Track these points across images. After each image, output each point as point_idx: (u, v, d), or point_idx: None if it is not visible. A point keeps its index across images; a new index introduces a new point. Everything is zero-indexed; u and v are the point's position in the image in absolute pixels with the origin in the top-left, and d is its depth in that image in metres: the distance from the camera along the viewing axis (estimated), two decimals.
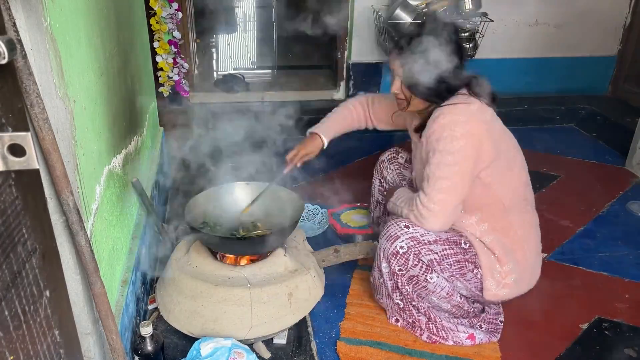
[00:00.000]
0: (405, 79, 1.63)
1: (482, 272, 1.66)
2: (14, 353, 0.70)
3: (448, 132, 1.56)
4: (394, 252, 1.60)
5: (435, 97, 1.64)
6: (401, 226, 1.61)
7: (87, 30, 1.25)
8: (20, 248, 0.74)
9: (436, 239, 1.61)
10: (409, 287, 1.65)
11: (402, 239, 1.59)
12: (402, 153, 2.10)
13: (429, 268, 1.61)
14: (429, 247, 1.59)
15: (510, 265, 1.67)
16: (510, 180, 1.69)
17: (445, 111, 1.59)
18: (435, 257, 1.60)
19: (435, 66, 1.56)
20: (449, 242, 1.63)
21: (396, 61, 1.64)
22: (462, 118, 1.56)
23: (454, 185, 1.58)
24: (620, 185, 2.70)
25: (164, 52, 3.24)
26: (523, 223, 1.72)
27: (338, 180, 2.72)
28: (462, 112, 1.58)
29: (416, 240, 1.59)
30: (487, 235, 1.67)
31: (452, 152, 1.55)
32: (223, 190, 1.94)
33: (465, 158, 1.56)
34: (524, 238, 1.71)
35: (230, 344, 1.52)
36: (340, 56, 3.77)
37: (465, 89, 1.64)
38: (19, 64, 0.81)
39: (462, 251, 1.64)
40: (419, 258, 1.59)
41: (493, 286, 1.67)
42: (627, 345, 1.73)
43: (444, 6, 3.20)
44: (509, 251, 1.67)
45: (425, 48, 1.56)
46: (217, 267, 1.69)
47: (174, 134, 2.55)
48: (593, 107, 3.77)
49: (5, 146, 0.65)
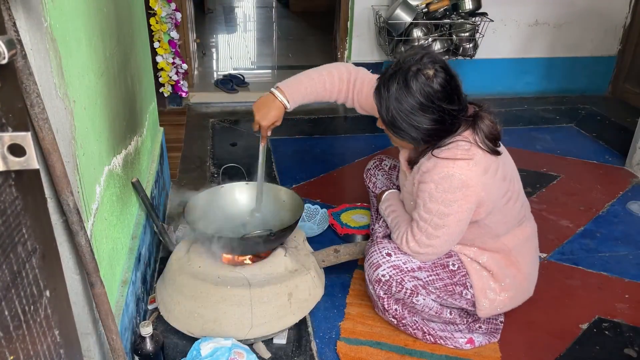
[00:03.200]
0: (383, 117, 1.44)
1: (474, 293, 1.61)
2: (14, 353, 0.70)
3: (441, 191, 1.42)
4: (376, 280, 1.57)
5: (424, 143, 1.46)
6: (383, 254, 1.57)
7: (87, 30, 1.25)
8: (20, 248, 0.74)
9: (420, 266, 1.56)
10: (397, 307, 1.64)
11: (384, 267, 1.55)
12: (385, 160, 2.05)
13: (413, 292, 1.57)
14: (412, 274, 1.55)
15: (507, 280, 1.63)
16: (506, 212, 1.56)
17: (439, 163, 1.42)
18: (420, 283, 1.56)
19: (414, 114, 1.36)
20: (434, 267, 1.58)
21: (375, 100, 1.45)
22: (457, 180, 1.40)
23: (445, 240, 1.50)
24: (620, 185, 2.70)
25: (164, 52, 3.24)
26: (516, 241, 1.63)
27: (338, 180, 2.73)
28: (460, 169, 1.40)
29: (398, 269, 1.55)
30: (480, 256, 1.62)
31: (444, 214, 1.45)
32: (223, 190, 1.94)
33: (459, 219, 1.46)
34: (519, 253, 1.64)
35: (230, 344, 1.52)
36: (340, 56, 3.77)
37: (466, 131, 1.45)
38: (19, 64, 0.81)
39: (450, 274, 1.59)
40: (402, 285, 1.55)
41: (486, 305, 1.62)
42: (627, 345, 1.73)
43: (444, 6, 3.21)
44: (504, 267, 1.62)
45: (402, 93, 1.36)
46: (217, 267, 1.69)
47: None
48: (593, 107, 3.77)
49: (5, 146, 0.65)
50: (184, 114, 3.56)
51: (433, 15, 3.23)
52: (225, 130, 3.34)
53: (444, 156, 1.42)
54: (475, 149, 1.42)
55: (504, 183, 1.51)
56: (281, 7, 7.21)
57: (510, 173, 1.56)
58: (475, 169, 1.41)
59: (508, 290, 1.63)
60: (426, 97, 1.35)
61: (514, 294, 1.65)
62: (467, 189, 1.41)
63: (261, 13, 7.21)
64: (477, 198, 1.44)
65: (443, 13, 3.26)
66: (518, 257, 1.64)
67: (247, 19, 6.91)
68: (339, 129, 3.44)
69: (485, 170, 1.43)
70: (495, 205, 1.50)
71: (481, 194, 1.43)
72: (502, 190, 1.50)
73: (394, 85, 1.37)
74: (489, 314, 1.65)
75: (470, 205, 1.44)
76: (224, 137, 3.23)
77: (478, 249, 1.62)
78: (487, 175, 1.43)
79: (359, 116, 3.65)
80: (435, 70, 1.36)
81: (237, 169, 2.25)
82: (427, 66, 1.36)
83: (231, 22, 6.52)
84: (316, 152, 3.02)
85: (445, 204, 1.43)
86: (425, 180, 1.46)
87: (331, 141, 3.22)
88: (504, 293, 1.63)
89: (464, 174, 1.40)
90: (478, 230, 1.56)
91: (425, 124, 1.38)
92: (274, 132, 1.75)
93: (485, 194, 1.44)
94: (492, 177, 1.45)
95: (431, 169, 1.44)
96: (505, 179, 1.51)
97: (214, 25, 6.22)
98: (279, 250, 1.77)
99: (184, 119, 3.48)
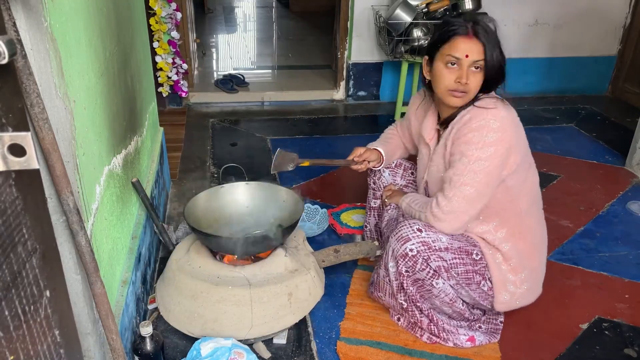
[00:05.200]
0: (488, 61, 1.54)
1: (493, 286, 1.63)
2: (14, 353, 0.70)
3: (479, 137, 1.51)
4: (403, 254, 1.57)
5: (487, 88, 1.59)
6: (414, 229, 1.58)
7: (87, 30, 1.25)
8: (21, 248, 0.74)
9: (447, 247, 1.58)
10: (413, 289, 1.64)
11: (413, 242, 1.56)
12: None
13: (435, 274, 1.58)
14: (439, 254, 1.56)
15: (525, 273, 1.65)
16: (527, 180, 1.66)
17: (476, 114, 1.54)
18: (444, 265, 1.58)
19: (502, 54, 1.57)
20: (460, 252, 1.59)
21: (471, 41, 1.54)
22: (494, 124, 1.52)
23: (478, 193, 1.54)
24: (620, 185, 2.70)
25: (163, 52, 3.24)
26: (540, 226, 1.71)
27: (338, 180, 2.73)
28: (495, 116, 1.53)
29: (427, 246, 1.56)
30: (504, 242, 1.64)
31: (480, 159, 1.52)
32: (223, 190, 1.94)
33: (494, 166, 1.53)
34: (541, 241, 1.70)
35: (230, 344, 1.52)
36: (340, 56, 3.77)
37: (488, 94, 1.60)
38: (19, 64, 0.81)
39: (473, 262, 1.61)
40: (428, 263, 1.56)
41: (507, 298, 1.65)
42: (627, 345, 1.73)
43: (444, 6, 3.21)
44: (524, 258, 1.65)
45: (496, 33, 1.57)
46: (217, 267, 1.69)
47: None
48: (593, 107, 3.77)
49: (6, 146, 0.65)
50: (184, 114, 3.56)
51: (433, 15, 3.23)
52: (225, 130, 3.34)
53: (480, 105, 1.56)
54: (503, 103, 1.58)
55: (526, 143, 1.65)
56: (281, 7, 7.22)
57: (527, 140, 1.68)
58: (507, 116, 1.55)
59: (527, 282, 1.67)
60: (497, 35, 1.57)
61: (532, 286, 1.68)
62: (503, 132, 1.52)
63: (261, 13, 7.21)
64: (509, 144, 1.54)
65: (443, 13, 3.26)
66: (540, 246, 1.71)
67: (247, 19, 6.92)
68: (339, 129, 3.44)
69: (514, 119, 1.58)
70: (522, 161, 1.60)
71: (512, 140, 1.55)
72: (526, 148, 1.64)
73: (486, 27, 1.56)
74: (508, 307, 1.68)
75: (504, 151, 1.53)
76: (224, 137, 3.24)
77: (506, 232, 1.64)
78: (516, 123, 1.59)
79: (359, 116, 3.66)
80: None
81: (237, 169, 2.26)
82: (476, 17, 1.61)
83: (231, 22, 6.52)
84: (316, 152, 3.01)
85: (482, 149, 1.52)
86: (464, 132, 1.55)
87: (331, 141, 3.22)
88: (523, 285, 1.66)
89: (499, 120, 1.53)
90: (504, 196, 1.61)
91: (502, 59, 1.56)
92: (274, 132, 1.75)
93: (516, 141, 1.56)
94: (520, 127, 1.61)
95: (468, 121, 1.55)
96: (525, 140, 1.65)
97: (214, 25, 6.22)
98: (279, 250, 1.77)
99: (184, 119, 3.48)
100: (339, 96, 3.88)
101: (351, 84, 3.81)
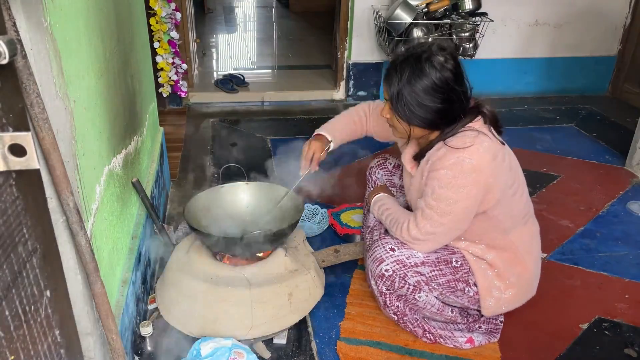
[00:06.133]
0: (393, 107, 1.50)
1: (478, 291, 1.61)
2: (14, 353, 0.70)
3: (451, 176, 1.45)
4: (379, 275, 1.58)
5: (433, 127, 1.51)
6: (387, 249, 1.57)
7: (87, 30, 1.25)
8: (21, 248, 0.74)
9: (423, 261, 1.57)
10: (399, 303, 1.64)
11: (387, 262, 1.56)
12: (390, 159, 2.05)
13: (416, 288, 1.58)
14: (415, 269, 1.56)
15: (512, 278, 1.63)
16: (512, 205, 1.58)
17: (451, 152, 1.46)
18: (422, 279, 1.57)
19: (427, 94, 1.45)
20: (438, 263, 1.58)
21: (385, 85, 1.53)
22: (469, 163, 1.44)
23: (449, 229, 1.52)
24: (620, 185, 2.70)
25: (164, 52, 3.24)
26: (523, 238, 1.64)
27: (338, 180, 2.73)
28: (471, 155, 1.44)
29: (402, 264, 1.55)
30: (487, 253, 1.61)
31: (450, 199, 1.47)
32: (223, 190, 1.94)
33: (466, 205, 1.48)
34: (526, 251, 1.65)
35: (230, 344, 1.52)
36: (340, 56, 3.77)
37: (471, 122, 1.50)
38: (19, 64, 0.81)
39: (453, 270, 1.59)
40: (405, 280, 1.56)
41: (492, 304, 1.63)
42: (627, 345, 1.73)
43: (444, 6, 3.21)
44: (510, 265, 1.62)
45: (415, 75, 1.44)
46: (217, 267, 1.69)
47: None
48: (593, 107, 3.77)
49: (6, 146, 0.65)
50: (184, 114, 3.56)
51: (433, 15, 3.23)
52: (225, 130, 3.34)
53: (454, 144, 1.47)
54: (483, 137, 1.47)
55: (510, 173, 1.55)
56: (281, 7, 7.21)
57: (515, 165, 1.60)
58: (484, 155, 1.45)
59: (513, 288, 1.63)
60: (439, 79, 1.44)
61: (518, 292, 1.65)
62: (478, 173, 1.45)
63: (261, 13, 7.21)
64: (485, 184, 1.47)
65: (443, 13, 3.27)
66: (525, 256, 1.64)
67: (247, 19, 6.91)
68: None
69: (494, 156, 1.47)
70: (503, 195, 1.52)
71: (490, 179, 1.47)
72: (509, 180, 1.55)
73: (407, 69, 1.45)
74: (494, 312, 1.66)
75: (479, 192, 1.47)
76: (224, 137, 3.23)
77: (486, 246, 1.62)
78: (496, 161, 1.48)
79: None
80: (445, 57, 1.46)
81: (237, 169, 2.26)
82: (437, 52, 1.46)
83: (231, 22, 6.52)
84: None
85: (455, 189, 1.46)
86: (436, 167, 1.49)
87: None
88: (509, 291, 1.63)
89: (474, 159, 1.44)
90: (487, 224, 1.57)
91: (437, 103, 1.45)
92: (274, 132, 1.76)
93: (493, 180, 1.48)
94: (500, 164, 1.50)
95: (442, 157, 1.48)
96: (511, 169, 1.56)
97: (214, 25, 6.22)
98: (279, 250, 1.77)
99: (184, 119, 3.48)
100: (339, 96, 3.88)
101: (351, 84, 3.81)
